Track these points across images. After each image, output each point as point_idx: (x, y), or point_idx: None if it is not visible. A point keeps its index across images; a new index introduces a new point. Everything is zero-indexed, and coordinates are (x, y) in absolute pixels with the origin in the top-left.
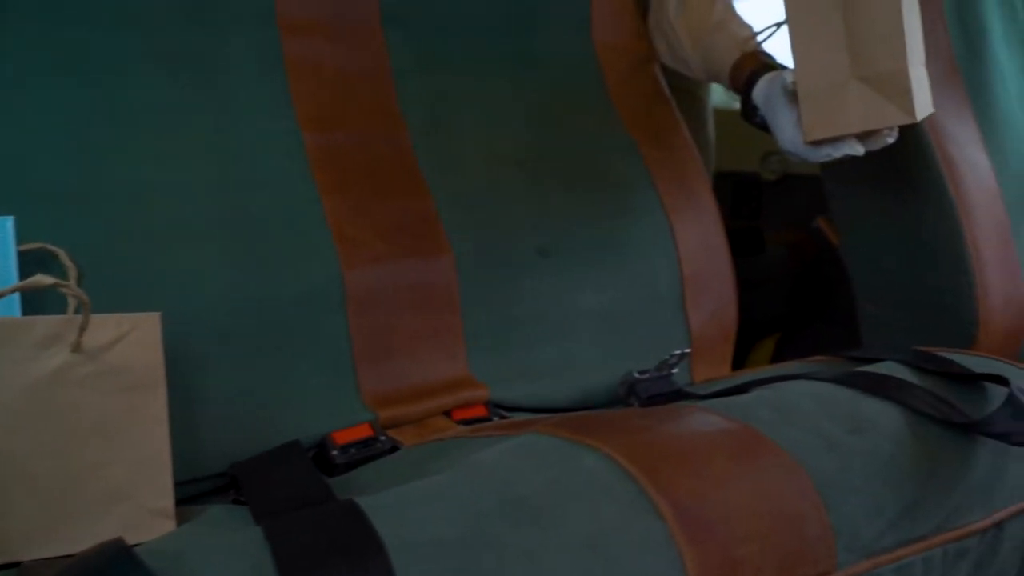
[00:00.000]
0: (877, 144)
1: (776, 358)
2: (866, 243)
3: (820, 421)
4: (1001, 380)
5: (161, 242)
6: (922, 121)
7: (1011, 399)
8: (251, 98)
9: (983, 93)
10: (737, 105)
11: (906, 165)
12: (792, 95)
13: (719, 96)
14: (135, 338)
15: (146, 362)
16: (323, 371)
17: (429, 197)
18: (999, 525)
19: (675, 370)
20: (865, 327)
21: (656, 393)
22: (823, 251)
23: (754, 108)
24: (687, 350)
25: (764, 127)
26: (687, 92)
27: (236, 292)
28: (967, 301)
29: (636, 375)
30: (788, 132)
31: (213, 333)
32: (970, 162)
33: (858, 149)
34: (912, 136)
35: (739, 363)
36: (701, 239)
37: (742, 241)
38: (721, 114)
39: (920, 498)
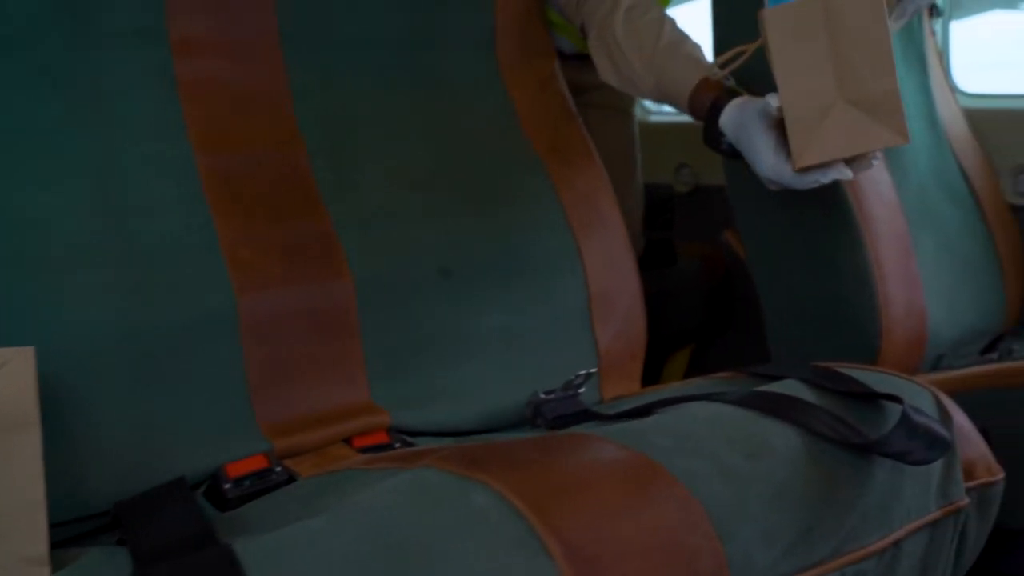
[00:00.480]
0: (864, 167)
1: (690, 370)
2: (771, 256)
3: (717, 446)
4: (895, 399)
5: (40, 269)
6: None
7: (904, 418)
8: (141, 118)
9: None
10: (652, 118)
11: None
12: (770, 121)
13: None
14: (6, 374)
15: (18, 400)
16: (216, 401)
17: (327, 219)
18: (897, 544)
19: (581, 390)
20: (772, 340)
21: (562, 414)
22: (733, 263)
23: (720, 135)
24: (593, 370)
25: (731, 154)
26: (615, 108)
27: (122, 321)
28: (870, 313)
29: (542, 396)
30: (769, 159)
31: (97, 364)
32: (871, 177)
33: (847, 173)
34: None
35: (654, 375)
36: (608, 256)
37: (655, 253)
38: None
39: (816, 522)
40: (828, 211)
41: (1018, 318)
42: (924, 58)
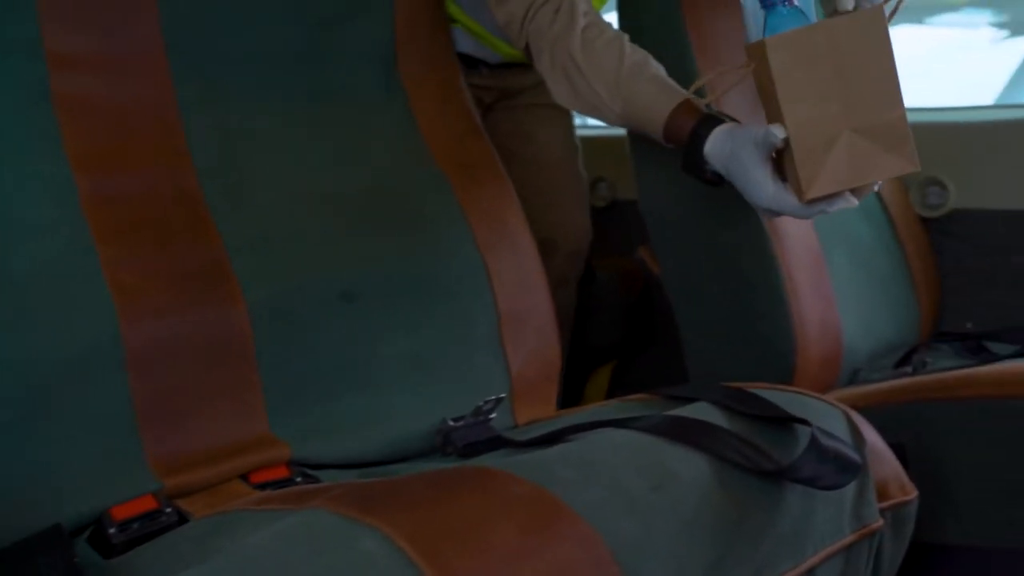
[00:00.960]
0: (866, 192)
1: (613, 387)
2: (685, 274)
3: (624, 477)
4: (804, 422)
5: None
6: None
7: (814, 443)
8: (15, 136)
9: None
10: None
11: (718, 195)
12: (766, 151)
13: None
14: None
15: None
16: (101, 438)
17: (219, 242)
18: (811, 571)
19: (492, 415)
20: (689, 358)
21: (473, 441)
22: (651, 278)
23: (704, 163)
24: (502, 395)
25: (715, 181)
26: (553, 106)
27: None
28: (784, 330)
29: (451, 423)
30: (768, 188)
31: None
32: None
33: (852, 201)
34: None
35: (576, 393)
36: (517, 275)
37: None
38: None
39: (727, 552)
40: (740, 228)
41: (932, 330)
42: None
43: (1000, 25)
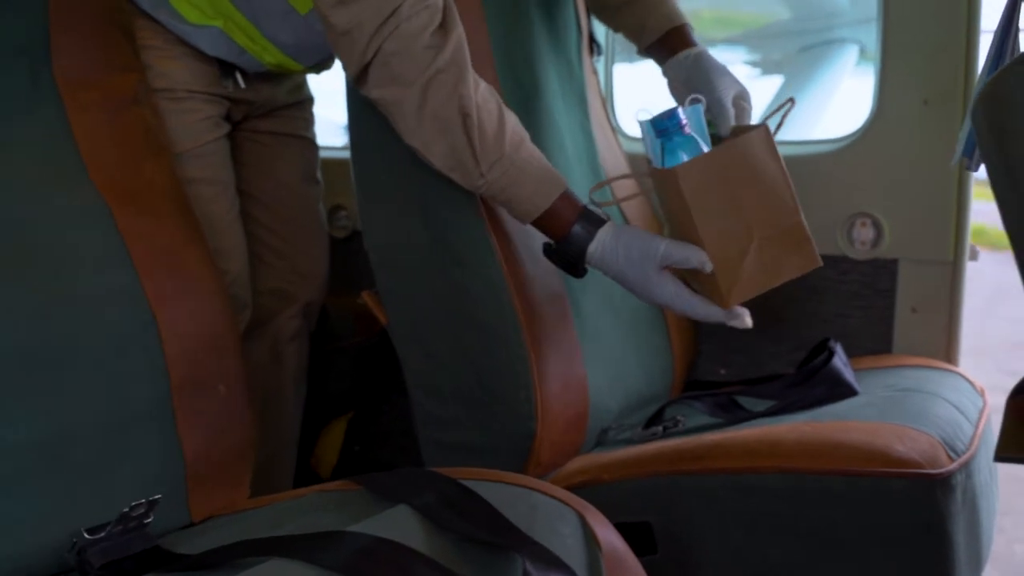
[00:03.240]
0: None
1: (349, 441)
2: (411, 323)
3: None
4: (520, 545)
5: None
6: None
7: None
8: None
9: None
10: None
11: (449, 236)
12: (672, 266)
13: None
14: None
15: None
16: None
17: None
18: None
19: (148, 520)
20: (417, 422)
21: (119, 558)
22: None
23: (581, 258)
24: (156, 496)
25: (583, 273)
26: (299, 136)
27: None
28: (522, 389)
29: (87, 536)
30: (669, 288)
31: None
32: (522, 229)
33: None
34: (458, 205)
35: (308, 447)
36: (198, 333)
37: None
38: None
39: None
40: (473, 274)
41: (685, 377)
42: (585, 99)
43: (753, 64)
